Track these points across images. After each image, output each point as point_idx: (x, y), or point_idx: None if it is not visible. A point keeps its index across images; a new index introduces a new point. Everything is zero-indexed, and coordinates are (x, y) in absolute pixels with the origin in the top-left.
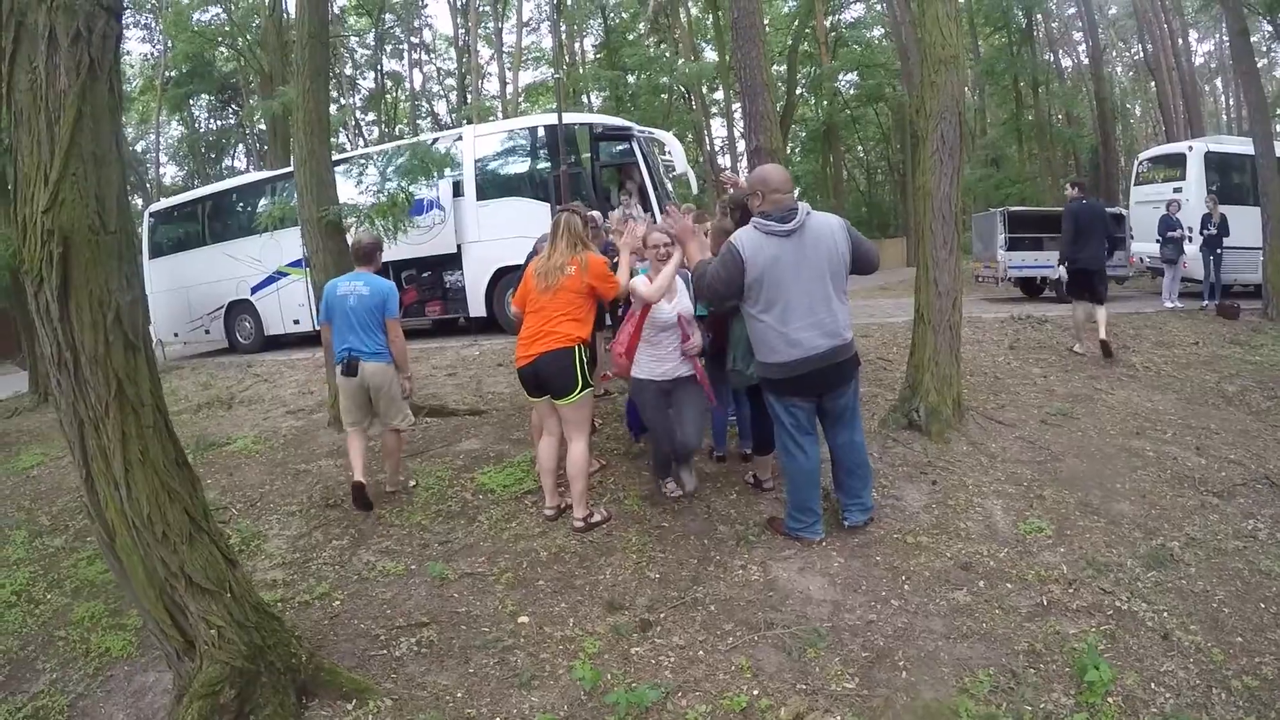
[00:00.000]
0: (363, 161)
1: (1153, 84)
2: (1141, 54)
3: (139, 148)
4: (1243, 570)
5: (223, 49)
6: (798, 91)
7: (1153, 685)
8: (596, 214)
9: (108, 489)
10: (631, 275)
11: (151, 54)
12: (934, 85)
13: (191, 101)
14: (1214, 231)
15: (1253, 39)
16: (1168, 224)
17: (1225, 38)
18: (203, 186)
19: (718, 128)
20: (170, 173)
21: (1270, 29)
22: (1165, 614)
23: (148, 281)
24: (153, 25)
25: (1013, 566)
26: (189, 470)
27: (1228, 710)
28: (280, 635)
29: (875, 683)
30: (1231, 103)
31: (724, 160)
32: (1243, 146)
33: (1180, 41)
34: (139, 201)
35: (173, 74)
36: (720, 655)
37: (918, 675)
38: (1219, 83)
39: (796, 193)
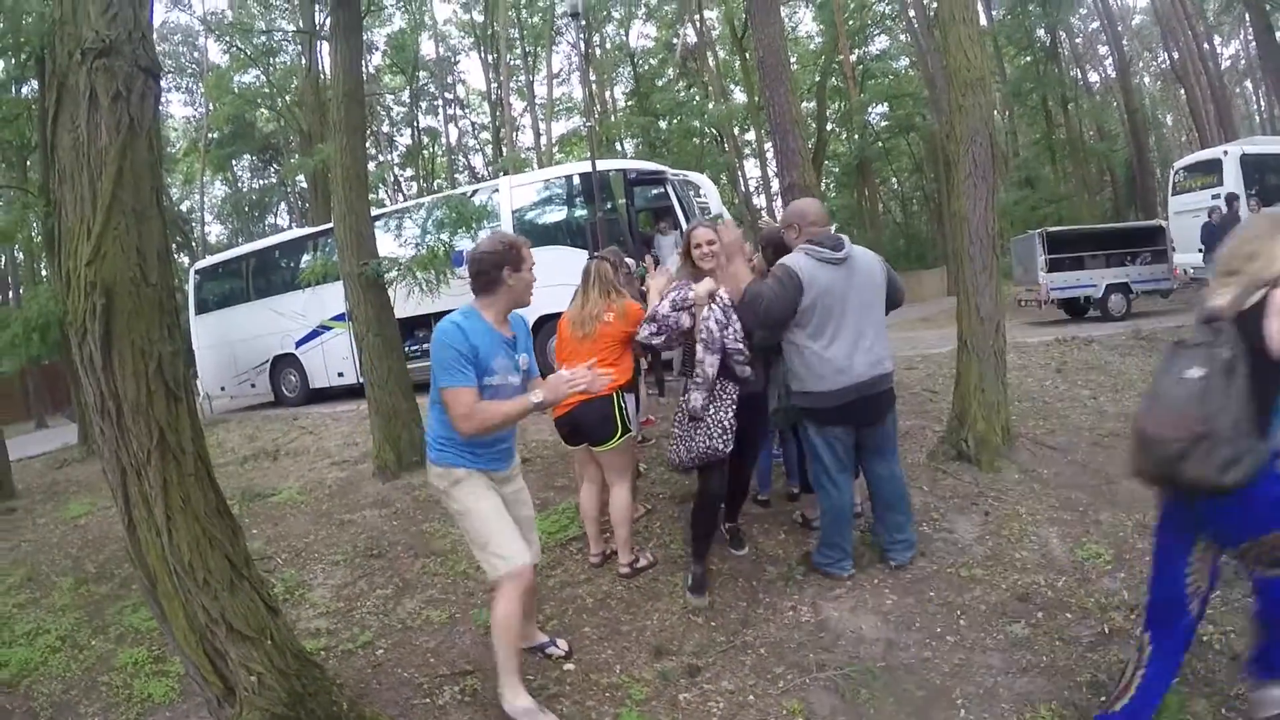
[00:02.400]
0: (399, 217)
1: (1182, 91)
2: (1168, 62)
3: (184, 207)
4: None
5: (263, 110)
6: (828, 127)
7: (1223, 710)
8: (631, 261)
9: (149, 535)
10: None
11: (194, 116)
12: (962, 108)
13: (234, 162)
14: None
15: (1279, 35)
16: (1212, 232)
17: (1250, 38)
18: (246, 244)
19: (751, 168)
20: (215, 231)
21: None
22: (1233, 635)
23: (194, 337)
24: (194, 89)
25: (1071, 595)
26: (230, 518)
27: None
28: (321, 683)
29: None
30: (1263, 103)
31: (759, 200)
32: (1278, 146)
33: (1205, 46)
34: (185, 259)
35: (215, 135)
36: (771, 699)
37: (976, 713)
38: (1249, 84)
39: (834, 227)
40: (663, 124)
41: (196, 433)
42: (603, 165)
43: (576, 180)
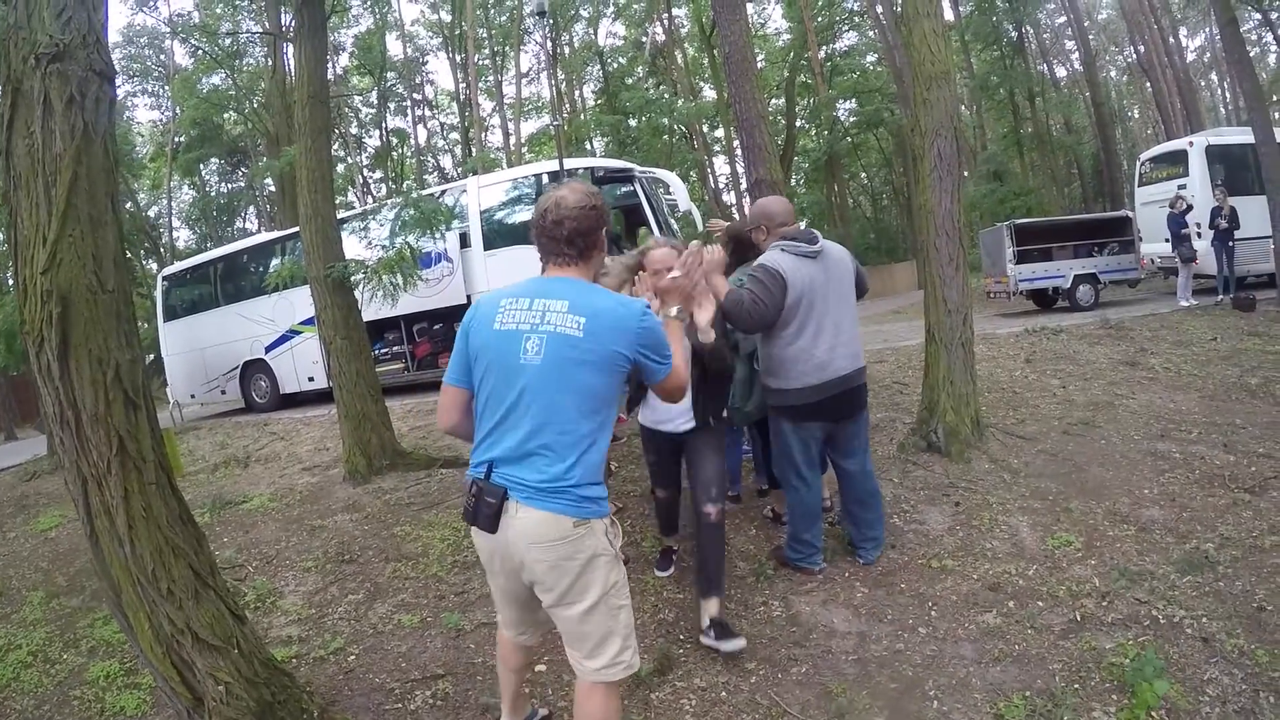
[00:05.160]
0: (362, 220)
1: (1148, 84)
2: (1134, 56)
3: (152, 213)
4: None
5: (230, 113)
6: (798, 123)
7: (1197, 695)
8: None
9: (112, 545)
10: None
11: (160, 120)
12: (927, 102)
13: (202, 166)
14: (1225, 224)
15: (1243, 29)
16: (1179, 223)
17: (1215, 31)
18: (215, 249)
19: (721, 164)
20: (183, 236)
21: (1259, 17)
22: (1205, 619)
23: (163, 344)
24: (161, 93)
25: (1043, 584)
26: (194, 526)
27: (1278, 714)
28: (291, 691)
29: (905, 714)
30: (1228, 95)
31: (729, 196)
32: (1243, 136)
33: (1171, 39)
34: (154, 266)
35: (182, 139)
36: (744, 695)
37: (949, 704)
38: (1214, 76)
39: (804, 223)
40: (632, 122)
41: (156, 441)
42: (570, 164)
43: (545, 179)
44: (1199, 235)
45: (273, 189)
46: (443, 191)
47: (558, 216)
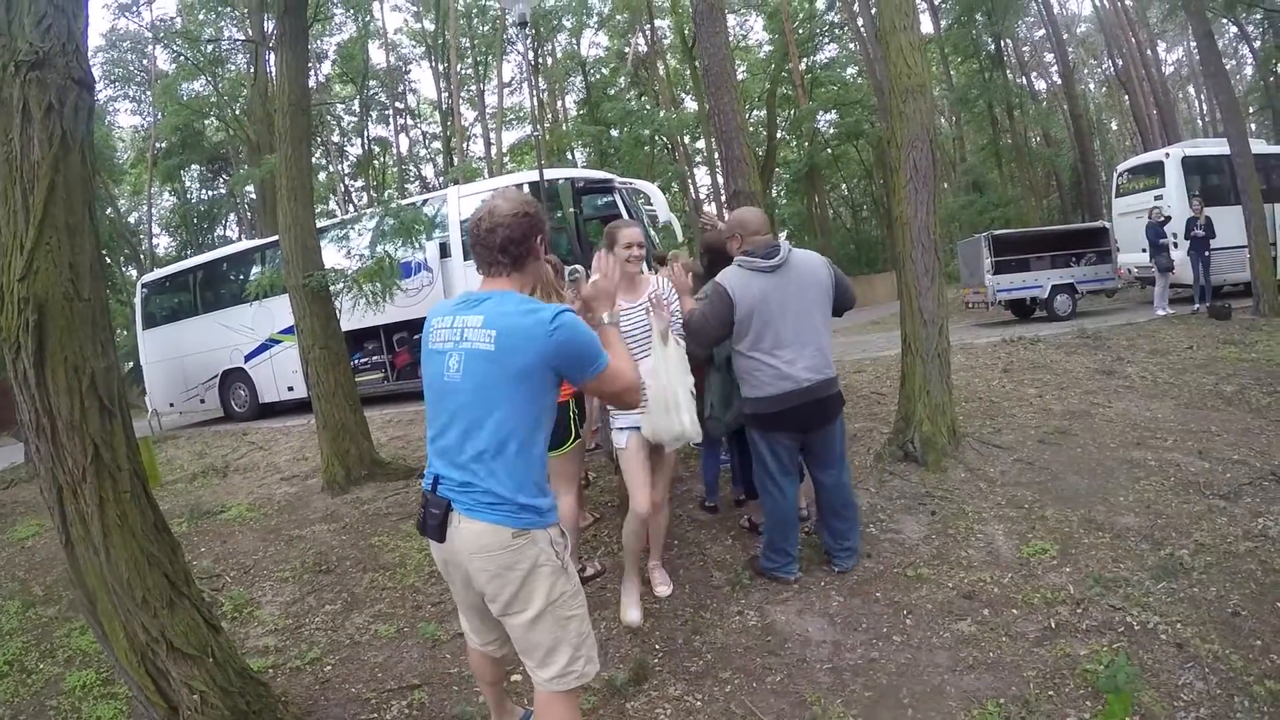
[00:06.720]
0: (342, 229)
1: (1126, 97)
2: (1112, 68)
3: (132, 219)
4: (1256, 571)
5: (212, 119)
6: (779, 135)
7: (1171, 701)
8: (579, 267)
9: (87, 554)
10: None
11: (142, 126)
12: (902, 115)
13: (183, 172)
14: (1201, 234)
15: (1219, 42)
16: (1158, 233)
17: (1193, 44)
18: (195, 256)
19: (702, 175)
20: (163, 243)
21: (1236, 30)
22: (1179, 625)
23: (142, 352)
24: (142, 98)
25: (1018, 591)
26: (168, 535)
27: (1251, 718)
28: (266, 701)
29: None
30: (1205, 107)
31: (709, 207)
32: (1219, 148)
33: (1149, 52)
34: (133, 272)
35: (163, 145)
36: (719, 704)
37: (924, 712)
38: (1191, 89)
39: (785, 235)
40: (614, 133)
41: (132, 449)
42: (551, 174)
43: (525, 189)
44: (1175, 245)
45: (254, 197)
46: (423, 201)
47: (491, 224)
